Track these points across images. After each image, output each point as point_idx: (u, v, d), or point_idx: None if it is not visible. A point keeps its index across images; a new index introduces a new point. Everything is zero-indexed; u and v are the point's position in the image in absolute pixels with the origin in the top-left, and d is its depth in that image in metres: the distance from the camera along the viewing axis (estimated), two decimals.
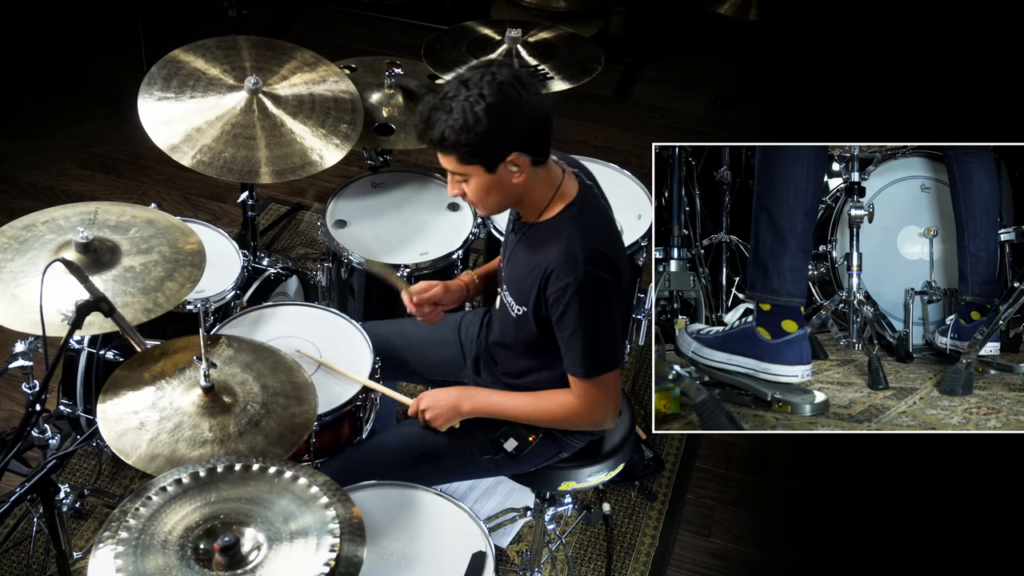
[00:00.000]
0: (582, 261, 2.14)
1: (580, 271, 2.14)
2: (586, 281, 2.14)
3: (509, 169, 2.15)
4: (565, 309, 2.16)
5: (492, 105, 2.06)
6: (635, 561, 3.08)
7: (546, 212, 2.24)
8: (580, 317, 2.16)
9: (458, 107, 2.07)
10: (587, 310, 2.16)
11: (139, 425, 2.10)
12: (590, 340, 2.18)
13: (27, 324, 2.25)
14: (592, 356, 2.21)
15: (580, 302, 2.15)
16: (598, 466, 2.51)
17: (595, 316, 2.18)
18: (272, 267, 3.06)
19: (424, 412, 2.39)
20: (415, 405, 2.41)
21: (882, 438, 2.85)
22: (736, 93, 5.06)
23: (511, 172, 2.15)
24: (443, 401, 2.38)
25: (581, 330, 2.17)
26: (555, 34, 3.49)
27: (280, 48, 3.21)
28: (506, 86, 2.08)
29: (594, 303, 2.17)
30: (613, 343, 2.24)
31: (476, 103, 2.06)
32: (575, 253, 2.15)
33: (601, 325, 2.20)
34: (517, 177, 2.16)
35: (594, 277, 2.15)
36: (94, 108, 4.64)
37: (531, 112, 2.12)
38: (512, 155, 2.12)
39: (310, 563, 1.79)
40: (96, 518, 3.03)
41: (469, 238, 3.05)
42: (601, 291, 2.17)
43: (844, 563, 3.14)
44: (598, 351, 2.21)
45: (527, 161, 2.15)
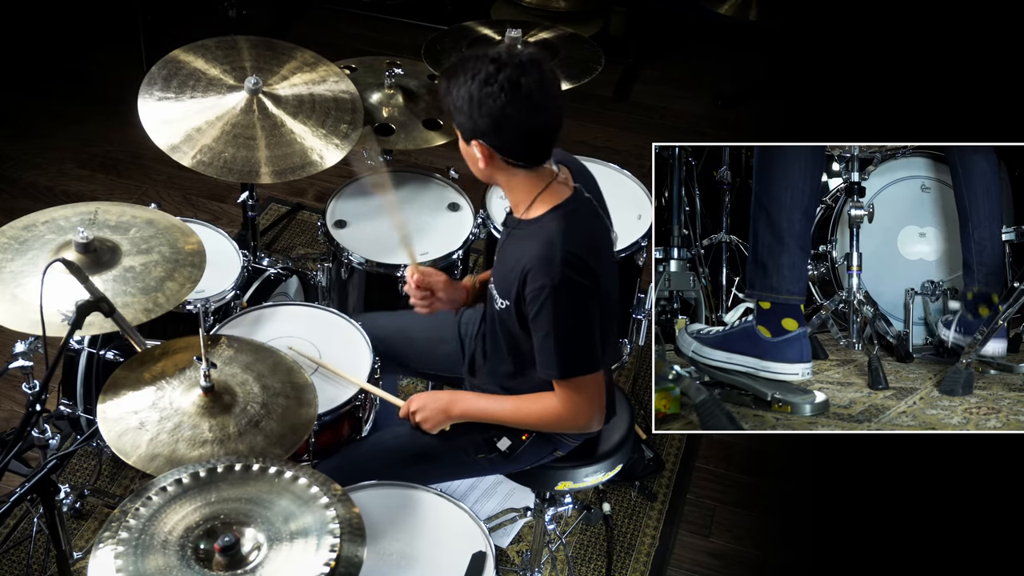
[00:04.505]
0: (559, 263, 2.13)
1: (556, 274, 2.13)
2: (561, 284, 2.13)
3: (474, 152, 2.19)
4: (539, 309, 2.16)
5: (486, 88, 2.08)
6: (635, 561, 3.08)
7: (531, 210, 2.24)
8: (554, 319, 2.16)
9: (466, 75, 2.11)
10: (561, 313, 2.16)
11: (139, 425, 2.10)
12: (563, 342, 2.18)
13: (27, 324, 2.25)
14: (566, 358, 2.20)
15: (554, 304, 2.15)
16: (597, 466, 2.51)
17: (569, 319, 2.17)
18: (272, 267, 3.06)
19: (415, 414, 2.41)
20: (406, 408, 2.42)
21: (882, 438, 2.85)
22: (736, 93, 5.06)
23: (476, 156, 2.19)
24: (433, 405, 2.39)
25: (555, 331, 2.17)
26: (555, 34, 3.49)
27: (280, 48, 3.21)
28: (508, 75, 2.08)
29: (568, 306, 2.16)
30: (589, 346, 2.22)
31: (479, 79, 2.09)
32: (553, 255, 2.14)
33: (576, 328, 2.19)
34: (481, 162, 2.19)
35: (570, 281, 2.14)
36: (94, 108, 4.64)
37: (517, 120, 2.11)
38: (475, 140, 2.16)
39: (310, 563, 1.79)
40: (96, 518, 3.03)
41: (469, 238, 3.05)
42: (576, 295, 2.16)
43: (844, 563, 3.14)
44: (572, 353, 2.20)
45: (489, 152, 2.17)
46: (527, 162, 2.19)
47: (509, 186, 2.26)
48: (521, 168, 2.20)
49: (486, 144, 2.15)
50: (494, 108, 2.09)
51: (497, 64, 2.09)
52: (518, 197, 2.26)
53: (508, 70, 2.08)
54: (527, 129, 2.14)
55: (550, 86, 2.14)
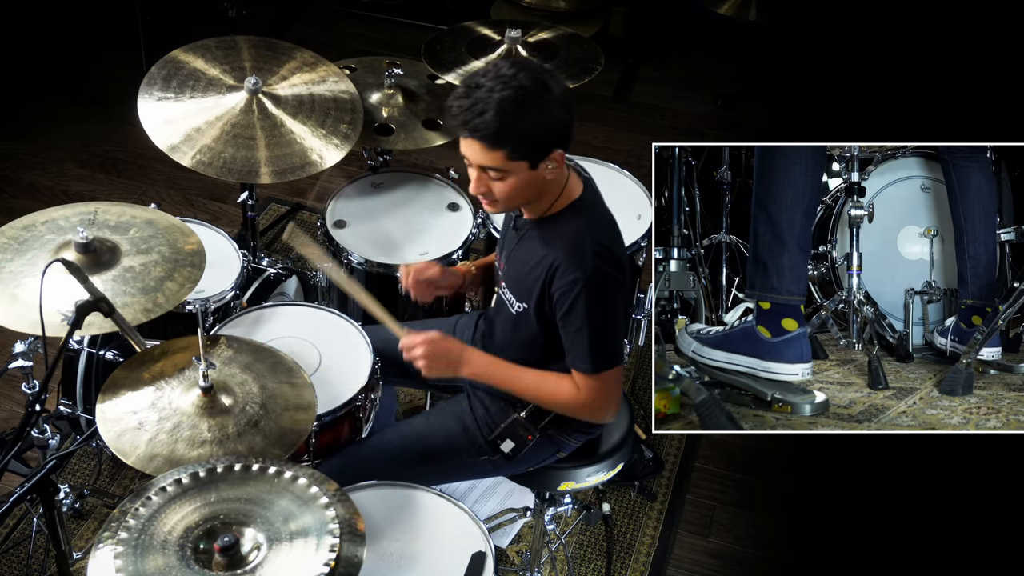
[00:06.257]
0: (590, 256, 2.14)
1: (588, 266, 2.13)
2: (594, 276, 2.14)
3: (548, 166, 2.14)
4: (572, 304, 2.16)
5: (542, 104, 2.06)
6: (635, 561, 3.08)
7: (552, 208, 2.24)
8: (587, 312, 2.15)
9: (509, 102, 2.04)
10: (594, 305, 2.15)
11: (138, 425, 2.10)
12: (596, 336, 2.18)
13: (27, 324, 2.25)
14: (598, 352, 2.20)
15: (588, 297, 2.14)
16: (597, 466, 2.51)
17: (602, 311, 2.17)
18: (272, 267, 3.06)
19: (415, 349, 2.27)
20: (411, 338, 2.28)
21: (882, 438, 2.85)
22: (736, 93, 5.06)
23: (549, 168, 2.14)
24: (446, 353, 2.29)
25: (588, 325, 2.16)
26: (555, 34, 3.49)
27: (280, 48, 3.21)
28: (541, 83, 2.07)
29: (601, 298, 2.16)
30: (618, 339, 2.24)
31: (527, 99, 2.04)
32: (583, 248, 2.14)
33: (607, 321, 2.19)
34: (551, 173, 2.15)
35: (601, 272, 2.15)
36: (94, 108, 4.64)
37: (565, 107, 2.11)
38: (556, 151, 2.12)
39: (310, 563, 1.79)
40: (96, 518, 3.03)
41: (469, 238, 3.05)
42: (608, 287, 2.17)
43: (844, 563, 3.13)
44: (604, 347, 2.20)
45: (562, 156, 2.15)
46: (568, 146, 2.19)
47: (549, 187, 2.21)
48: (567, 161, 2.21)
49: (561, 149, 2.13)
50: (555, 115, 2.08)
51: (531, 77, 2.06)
52: (548, 197, 2.22)
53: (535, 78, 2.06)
54: (567, 108, 2.13)
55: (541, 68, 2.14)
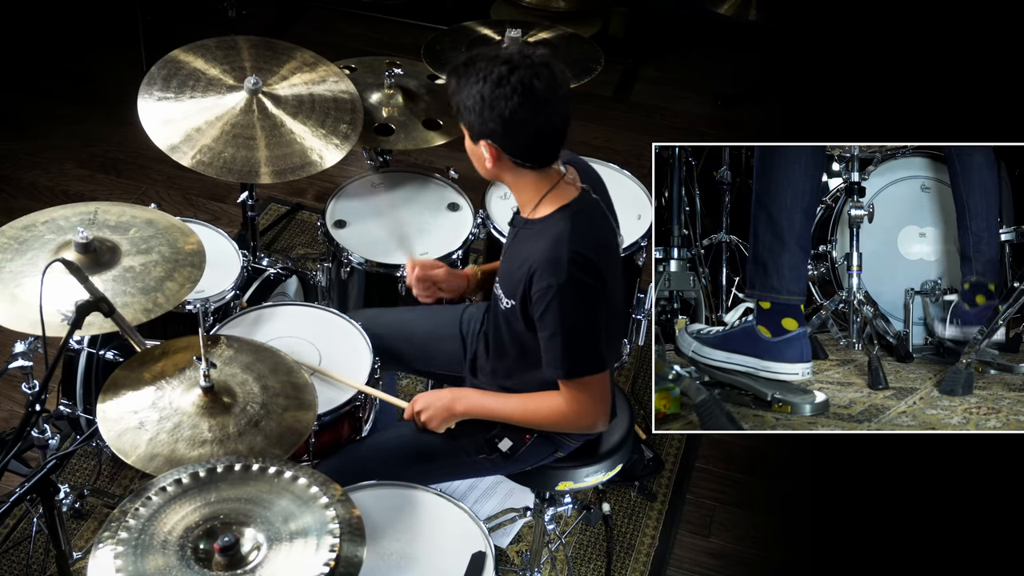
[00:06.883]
0: (565, 263, 2.13)
1: (563, 273, 2.13)
2: (568, 284, 2.13)
3: (482, 151, 2.18)
4: (546, 309, 2.16)
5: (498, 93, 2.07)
6: (635, 561, 3.08)
7: (538, 210, 2.24)
8: (560, 318, 2.15)
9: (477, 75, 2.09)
10: (567, 312, 2.15)
11: (138, 425, 2.10)
12: (570, 342, 2.17)
13: (27, 324, 2.24)
14: (572, 357, 2.19)
15: (561, 304, 2.14)
16: (597, 466, 2.51)
17: (576, 319, 2.16)
18: (272, 267, 3.06)
19: (419, 414, 2.40)
20: (410, 408, 2.42)
21: (882, 438, 2.85)
22: (736, 93, 5.06)
23: (483, 155, 2.19)
24: (437, 403, 2.39)
25: (561, 332, 2.16)
26: (555, 34, 3.49)
27: (280, 48, 3.21)
28: (523, 84, 2.07)
29: (575, 306, 2.15)
30: (596, 346, 2.22)
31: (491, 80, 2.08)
32: (559, 255, 2.14)
33: (582, 328, 2.18)
34: (489, 162, 2.19)
35: (576, 280, 2.14)
36: (94, 108, 4.64)
37: (528, 122, 2.11)
38: (483, 140, 2.15)
39: (310, 563, 1.79)
40: (96, 518, 3.03)
41: (469, 238, 3.05)
42: (583, 295, 2.16)
43: (844, 563, 3.13)
44: (579, 353, 2.20)
45: (497, 153, 2.16)
46: (535, 163, 2.19)
47: (516, 186, 2.26)
48: (529, 168, 2.20)
49: (495, 144, 2.15)
50: (506, 110, 2.08)
51: (510, 65, 2.08)
52: (525, 197, 2.26)
53: (521, 72, 2.07)
54: (537, 130, 2.14)
55: (560, 88, 2.13)
